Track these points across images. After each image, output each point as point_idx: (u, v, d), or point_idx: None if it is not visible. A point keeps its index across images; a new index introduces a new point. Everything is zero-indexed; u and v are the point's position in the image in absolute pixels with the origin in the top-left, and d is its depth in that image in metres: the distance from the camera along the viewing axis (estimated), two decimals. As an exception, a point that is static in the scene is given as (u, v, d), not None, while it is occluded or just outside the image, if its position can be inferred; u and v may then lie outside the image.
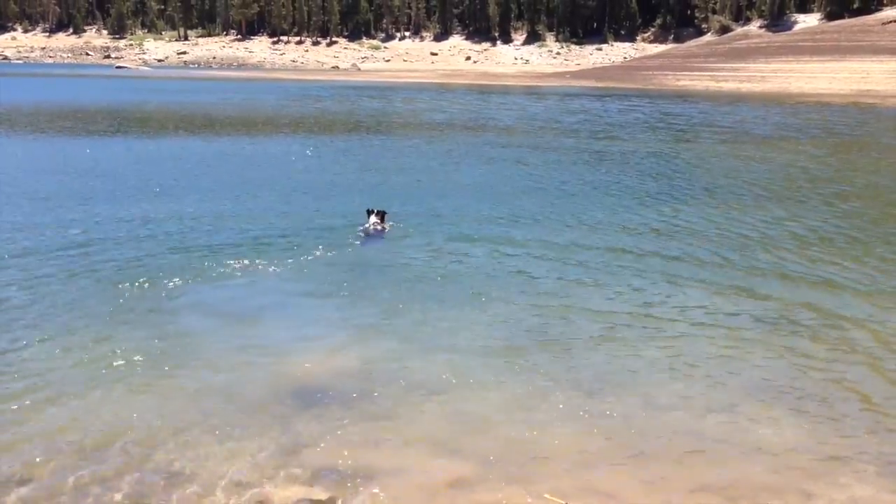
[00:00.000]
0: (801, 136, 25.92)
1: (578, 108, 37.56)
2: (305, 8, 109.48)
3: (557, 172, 16.89)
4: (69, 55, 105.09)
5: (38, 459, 5.01)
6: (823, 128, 28.68)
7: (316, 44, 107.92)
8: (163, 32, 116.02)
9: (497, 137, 24.39)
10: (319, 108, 36.09)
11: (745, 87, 54.51)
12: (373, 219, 10.69)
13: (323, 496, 4.67)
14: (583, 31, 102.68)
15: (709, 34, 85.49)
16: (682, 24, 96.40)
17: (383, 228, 10.71)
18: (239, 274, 8.90)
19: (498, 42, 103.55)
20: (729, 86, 55.60)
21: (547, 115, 33.49)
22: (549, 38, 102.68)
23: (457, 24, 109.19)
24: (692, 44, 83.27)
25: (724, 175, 16.94)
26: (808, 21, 75.32)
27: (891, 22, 64.05)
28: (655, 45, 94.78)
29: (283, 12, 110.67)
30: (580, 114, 33.76)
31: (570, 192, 14.54)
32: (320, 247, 9.93)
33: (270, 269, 9.07)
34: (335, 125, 28.27)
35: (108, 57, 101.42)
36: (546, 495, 4.66)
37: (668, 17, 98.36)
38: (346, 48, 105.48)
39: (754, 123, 30.12)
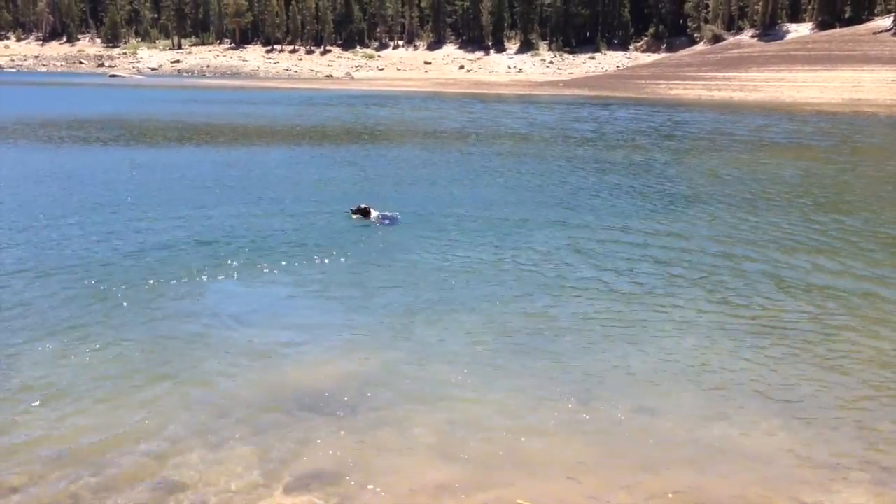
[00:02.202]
0: (817, 143, 26.17)
1: (588, 116, 37.57)
2: (299, 17, 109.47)
3: (584, 180, 16.89)
4: (62, 64, 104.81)
5: (27, 467, 4.99)
6: (836, 136, 28.89)
7: (310, 52, 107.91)
8: (157, 41, 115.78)
9: (516, 146, 24.35)
10: (331, 117, 35.66)
11: (737, 96, 54.72)
12: (374, 214, 11.77)
13: (317, 503, 4.67)
14: (576, 40, 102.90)
15: (701, 43, 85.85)
16: (674, 34, 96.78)
17: (368, 217, 11.80)
18: (236, 277, 8.96)
19: (491, 51, 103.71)
20: (721, 95, 55.79)
21: (559, 123, 33.38)
22: (543, 47, 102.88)
23: (450, 32, 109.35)
24: (684, 53, 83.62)
25: (766, 182, 16.92)
26: (799, 31, 75.73)
27: (881, 32, 64.46)
28: (648, 54, 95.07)
29: (277, 21, 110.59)
30: (591, 122, 33.70)
31: (597, 199, 14.54)
32: (322, 251, 10.00)
33: (271, 274, 9.12)
34: (351, 135, 27.98)
35: (101, 65, 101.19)
36: (518, 501, 4.66)
37: (661, 27, 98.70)
38: (339, 57, 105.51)
39: (767, 132, 30.24)
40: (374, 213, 11.83)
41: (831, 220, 12.65)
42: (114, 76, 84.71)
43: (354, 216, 11.83)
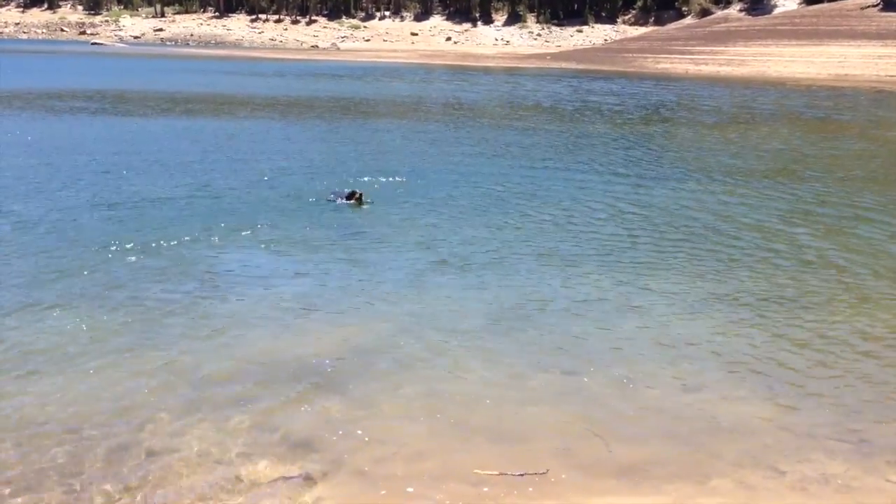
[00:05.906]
0: (845, 118, 26.63)
1: (600, 89, 37.10)
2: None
3: (612, 155, 16.88)
4: (44, 31, 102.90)
5: (2, 439, 4.97)
6: (859, 111, 29.16)
7: (295, 22, 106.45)
8: (139, 9, 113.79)
9: (543, 120, 24.24)
10: (343, 90, 34.77)
11: (725, 70, 54.56)
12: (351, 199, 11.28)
13: (299, 472, 4.69)
14: (563, 12, 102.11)
15: (689, 17, 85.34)
16: (662, 7, 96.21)
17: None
18: (225, 247, 8.96)
19: (479, 23, 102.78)
20: (708, 69, 55.62)
21: (574, 96, 32.91)
22: (530, 20, 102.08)
23: (437, 4, 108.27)
24: (672, 27, 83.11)
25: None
26: (787, 5, 75.36)
27: (868, 7, 64.36)
28: (636, 27, 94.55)
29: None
30: (608, 95, 33.22)
31: (621, 170, 14.66)
32: (315, 223, 10.07)
33: (261, 244, 9.14)
34: (373, 106, 27.68)
35: (83, 33, 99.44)
36: (476, 470, 4.72)
37: (649, 0, 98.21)
38: (325, 27, 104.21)
39: (788, 105, 30.32)
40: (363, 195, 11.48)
41: (845, 195, 12.82)
42: (96, 44, 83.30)
43: (346, 200, 11.36)
